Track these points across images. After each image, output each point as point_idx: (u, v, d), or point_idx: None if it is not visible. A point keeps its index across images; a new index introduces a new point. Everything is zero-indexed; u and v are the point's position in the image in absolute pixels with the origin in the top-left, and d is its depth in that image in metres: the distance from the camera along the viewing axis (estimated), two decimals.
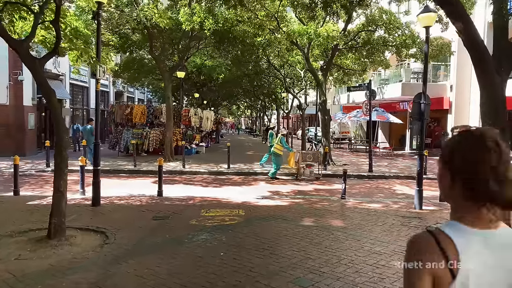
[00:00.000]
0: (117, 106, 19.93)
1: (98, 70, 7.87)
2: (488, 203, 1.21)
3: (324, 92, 16.97)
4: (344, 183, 10.03)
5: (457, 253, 1.17)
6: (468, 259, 1.16)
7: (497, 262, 1.18)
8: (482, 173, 1.19)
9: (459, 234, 1.20)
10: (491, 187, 1.18)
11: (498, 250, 1.19)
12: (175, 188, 11.52)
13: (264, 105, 43.76)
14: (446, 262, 1.16)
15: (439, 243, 1.18)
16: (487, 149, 1.21)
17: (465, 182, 1.23)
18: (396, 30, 16.91)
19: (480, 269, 1.17)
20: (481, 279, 1.16)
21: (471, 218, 1.23)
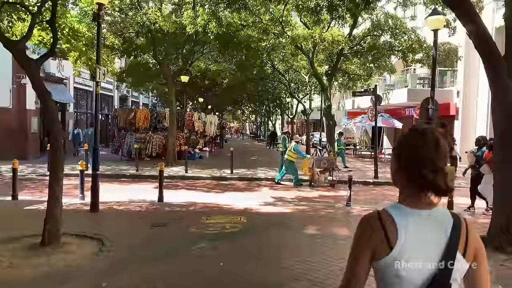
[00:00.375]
0: (120, 110, 19.81)
1: (98, 73, 7.70)
2: (426, 189, 1.42)
3: (329, 97, 16.75)
4: (349, 190, 9.78)
5: (396, 230, 1.39)
6: (404, 234, 1.38)
7: (427, 236, 1.40)
8: (422, 164, 1.41)
9: (400, 214, 1.43)
10: (429, 176, 1.39)
11: (429, 227, 1.41)
12: (177, 194, 11.30)
13: (269, 110, 43.61)
14: (385, 236, 1.39)
15: (381, 221, 1.42)
16: (428, 144, 1.43)
17: (408, 171, 1.45)
18: (402, 35, 16.71)
19: (413, 242, 1.38)
20: (414, 250, 1.37)
21: (411, 200, 1.44)
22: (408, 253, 1.37)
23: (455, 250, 1.40)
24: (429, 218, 1.43)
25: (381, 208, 1.48)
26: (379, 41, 16.35)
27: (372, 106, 15.36)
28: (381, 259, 1.40)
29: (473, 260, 1.43)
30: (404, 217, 1.42)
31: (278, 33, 16.73)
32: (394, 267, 1.38)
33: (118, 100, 31.11)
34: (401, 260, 1.37)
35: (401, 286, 1.39)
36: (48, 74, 19.24)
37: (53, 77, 19.73)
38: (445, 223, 1.43)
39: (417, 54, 16.95)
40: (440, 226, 1.42)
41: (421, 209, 1.43)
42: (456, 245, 1.40)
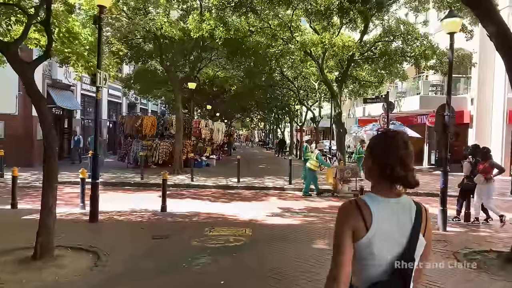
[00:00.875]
0: (127, 117, 19.60)
1: (98, 78, 7.40)
2: (397, 183, 1.71)
3: (339, 104, 16.33)
4: None
5: (371, 214, 1.66)
6: (378, 218, 1.66)
7: (396, 219, 1.69)
8: (393, 161, 1.68)
9: (373, 201, 1.70)
10: (398, 172, 1.68)
11: (397, 212, 1.70)
12: (181, 203, 10.95)
13: (277, 117, 43.23)
14: (363, 220, 1.65)
15: (359, 207, 1.67)
16: (398, 145, 1.71)
17: (381, 167, 1.71)
18: (414, 41, 16.26)
19: (384, 223, 1.66)
20: (385, 230, 1.66)
21: (383, 191, 1.72)
22: (381, 233, 1.65)
23: (418, 231, 1.70)
24: (397, 204, 1.72)
25: (358, 197, 1.77)
26: (391, 47, 15.90)
27: (384, 113, 14.89)
28: (360, 240, 1.65)
29: (428, 240, 1.76)
30: (377, 204, 1.69)
31: (287, 39, 16.40)
32: (369, 245, 1.65)
33: (127, 107, 31.01)
34: (375, 239, 1.64)
35: (373, 261, 1.67)
36: (55, 81, 19.15)
37: (59, 84, 19.62)
38: (410, 209, 1.74)
39: (430, 60, 16.47)
40: (406, 211, 1.72)
41: (390, 198, 1.72)
42: (419, 227, 1.71)
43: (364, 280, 1.70)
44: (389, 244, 1.66)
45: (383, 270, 1.67)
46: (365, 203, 1.68)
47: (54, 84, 19.37)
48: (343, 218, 1.69)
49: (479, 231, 8.49)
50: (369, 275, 1.69)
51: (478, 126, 20.84)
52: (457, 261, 5.96)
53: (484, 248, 6.74)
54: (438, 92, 23.37)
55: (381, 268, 1.67)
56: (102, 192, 12.56)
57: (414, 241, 1.68)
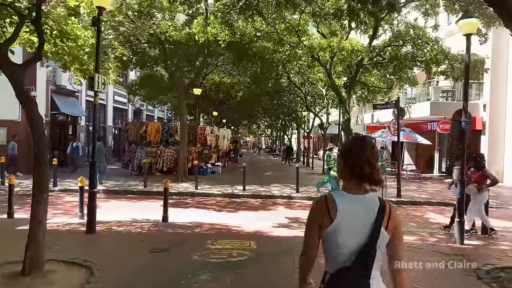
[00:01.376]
0: (131, 123, 19.32)
1: (96, 82, 7.06)
2: (364, 181, 1.98)
3: (348, 110, 15.90)
4: None
5: (336, 208, 1.94)
6: (343, 211, 1.93)
7: (360, 213, 1.94)
8: (361, 162, 1.96)
9: (340, 197, 1.98)
10: (365, 170, 1.95)
11: (361, 207, 1.96)
12: (185, 212, 10.56)
13: (284, 124, 42.83)
14: (328, 213, 1.94)
15: (326, 203, 1.97)
16: (365, 147, 2.00)
17: (351, 167, 1.99)
18: (425, 45, 15.81)
19: (349, 217, 1.93)
20: (349, 222, 1.93)
21: (352, 188, 2.00)
22: (345, 224, 1.92)
23: (380, 225, 1.93)
24: (362, 200, 1.97)
25: (327, 193, 2.06)
26: (401, 52, 15.46)
27: (394, 120, 14.43)
28: (326, 230, 1.94)
29: (392, 233, 1.97)
30: (344, 199, 1.96)
31: (294, 43, 16.06)
32: (334, 235, 1.92)
33: (132, 114, 30.83)
34: (340, 230, 1.92)
35: (338, 249, 1.93)
36: (59, 87, 18.95)
37: (64, 90, 19.43)
38: (374, 205, 1.96)
39: (442, 65, 16.01)
40: (369, 206, 1.96)
41: (357, 194, 1.98)
42: (381, 221, 1.93)
43: (332, 265, 1.97)
44: (352, 235, 1.91)
45: (347, 257, 1.91)
46: (333, 199, 1.96)
47: (59, 90, 19.18)
48: (312, 211, 2.02)
49: (498, 244, 7.98)
50: (336, 261, 1.95)
51: (491, 133, 20.26)
52: (479, 279, 5.49)
53: (506, 264, 6.25)
54: (449, 98, 22.84)
55: (345, 255, 1.92)
56: (104, 200, 12.29)
57: (375, 234, 1.91)
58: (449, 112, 21.21)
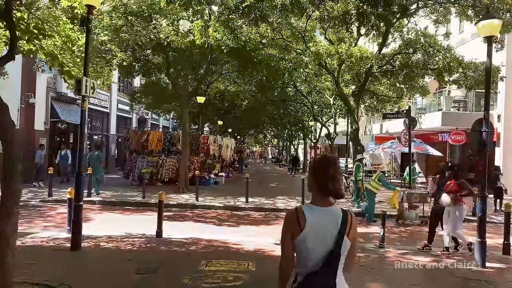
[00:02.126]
0: (133, 132, 18.81)
1: (84, 86, 6.52)
2: (329, 194, 2.29)
3: (356, 120, 15.26)
4: (383, 228, 8.17)
5: (305, 219, 2.22)
6: (311, 222, 2.22)
7: (326, 223, 2.24)
8: (326, 179, 2.28)
9: (309, 209, 2.28)
10: (330, 187, 2.27)
11: (327, 218, 2.26)
12: (182, 226, 9.93)
13: (291, 134, 42.19)
14: (298, 224, 2.22)
15: (297, 214, 2.25)
16: (329, 166, 2.31)
17: (319, 183, 2.30)
18: (436, 53, 15.16)
19: (316, 226, 2.21)
20: (316, 231, 2.21)
21: (319, 201, 2.30)
22: (313, 234, 2.20)
23: (343, 233, 2.23)
24: (328, 212, 2.28)
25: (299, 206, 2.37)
26: (412, 59, 14.82)
27: (405, 130, 13.74)
28: (297, 238, 2.21)
29: (352, 240, 2.26)
30: (312, 211, 2.27)
31: (301, 50, 15.51)
32: (304, 243, 2.21)
33: (137, 122, 30.38)
34: (309, 238, 2.20)
35: (308, 255, 2.22)
36: (60, 94, 18.53)
37: (65, 97, 19.01)
38: (338, 216, 2.28)
39: (455, 73, 15.34)
40: (334, 217, 2.27)
41: (323, 207, 2.29)
42: (344, 230, 2.23)
43: (303, 269, 2.25)
44: (320, 242, 2.21)
45: (316, 262, 2.21)
46: (302, 211, 2.26)
47: (59, 98, 18.76)
48: (285, 223, 2.30)
49: None
50: (306, 266, 2.24)
51: (505, 144, 19.46)
52: None
53: None
54: (460, 109, 22.10)
55: (314, 261, 2.21)
56: (99, 212, 11.71)
57: (339, 241, 2.22)
58: (461, 122, 20.57)
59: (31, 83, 16.44)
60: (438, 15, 15.52)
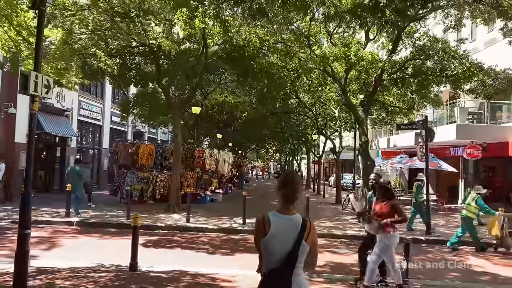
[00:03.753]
0: (122, 145, 17.42)
1: (33, 82, 5.15)
2: (290, 203, 2.78)
3: (366, 132, 13.85)
4: (407, 261, 6.67)
5: (270, 224, 2.68)
6: (275, 227, 2.68)
7: (287, 228, 2.69)
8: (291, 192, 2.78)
9: (273, 216, 2.74)
10: (293, 196, 2.77)
11: (288, 223, 2.71)
12: (167, 255, 8.48)
13: (293, 148, 40.72)
14: (264, 227, 2.69)
15: (264, 220, 2.72)
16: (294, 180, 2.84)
17: (284, 194, 2.78)
18: (452, 60, 13.82)
19: (278, 230, 2.67)
20: (278, 234, 2.66)
21: (283, 209, 2.77)
22: (276, 236, 2.65)
23: (301, 238, 2.66)
24: (290, 219, 2.73)
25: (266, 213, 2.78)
26: (427, 65, 13.48)
27: (422, 143, 12.32)
28: (262, 239, 2.68)
29: (311, 244, 2.70)
30: (276, 218, 2.72)
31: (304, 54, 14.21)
32: (268, 243, 2.67)
33: (132, 136, 29.01)
34: (272, 240, 2.66)
35: (271, 255, 2.67)
36: (45, 104, 17.20)
37: (51, 108, 17.70)
38: (298, 223, 2.72)
39: (475, 79, 13.99)
40: (294, 223, 2.71)
41: (286, 214, 2.75)
42: (302, 235, 2.67)
43: (267, 265, 2.70)
44: (281, 244, 2.64)
45: (277, 260, 2.65)
46: (268, 218, 2.72)
47: (45, 108, 17.44)
48: (256, 228, 2.78)
49: None
50: (269, 263, 2.68)
51: None
52: None
53: None
54: (474, 121, 20.65)
55: (275, 259, 2.65)
56: (73, 236, 10.21)
57: (297, 244, 2.64)
58: (477, 135, 19.13)
59: (11, 91, 15.14)
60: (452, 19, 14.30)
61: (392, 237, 6.00)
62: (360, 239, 11.11)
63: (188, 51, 16.11)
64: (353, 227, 12.63)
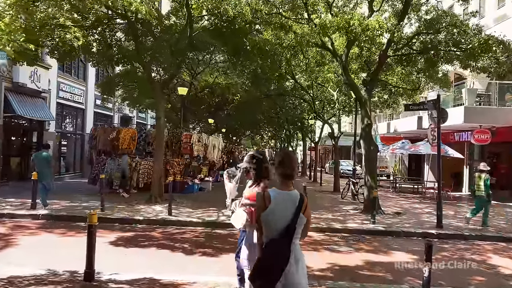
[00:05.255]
0: (101, 129, 15.93)
1: None
2: (288, 180, 3.05)
3: (369, 114, 12.50)
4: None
5: (270, 199, 2.92)
6: (275, 201, 2.92)
7: (286, 203, 2.92)
8: (289, 169, 3.05)
9: (274, 192, 2.98)
10: (293, 174, 3.09)
11: (287, 198, 2.95)
12: (139, 256, 7.16)
13: (289, 134, 39.35)
14: (264, 202, 2.92)
15: (264, 195, 2.96)
16: (292, 159, 3.13)
17: (283, 171, 3.03)
18: (464, 34, 12.40)
19: (278, 205, 2.90)
20: (278, 208, 2.90)
21: (282, 187, 3.02)
22: (275, 210, 2.89)
23: (299, 211, 2.89)
24: (289, 195, 2.98)
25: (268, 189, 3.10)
26: (438, 38, 12.06)
27: (433, 126, 10.99)
28: (263, 212, 2.91)
29: (307, 216, 2.96)
30: (276, 194, 2.95)
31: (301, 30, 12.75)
32: (268, 216, 2.90)
33: (119, 121, 27.43)
34: (272, 213, 2.89)
35: (271, 226, 2.90)
36: (17, 85, 15.66)
37: (24, 89, 16.14)
38: (296, 198, 2.96)
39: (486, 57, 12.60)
40: (293, 199, 2.95)
41: (285, 190, 2.99)
42: (300, 208, 2.90)
43: (267, 236, 2.91)
44: (280, 216, 2.88)
45: (276, 232, 2.87)
46: (268, 193, 2.96)
47: (16, 89, 15.91)
48: (257, 203, 3.04)
49: None
50: (269, 234, 2.90)
51: None
52: None
53: None
54: (482, 103, 19.32)
55: (275, 231, 2.87)
56: (34, 232, 8.81)
57: (296, 217, 2.88)
58: (486, 119, 17.83)
59: None
60: None
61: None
62: (363, 233, 9.91)
63: (174, 26, 14.65)
64: (355, 219, 11.38)
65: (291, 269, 2.81)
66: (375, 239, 9.42)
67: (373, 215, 10.46)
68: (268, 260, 2.81)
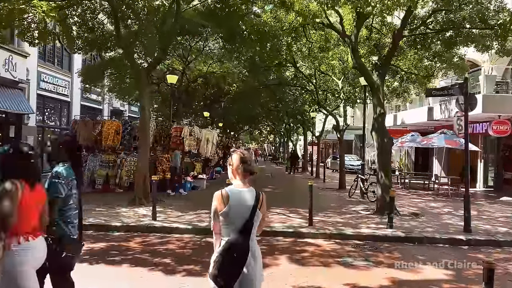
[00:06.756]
0: (81, 122, 14.39)
1: None
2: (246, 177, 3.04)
3: (382, 102, 10.99)
4: None
5: (228, 197, 2.87)
6: (232, 199, 2.87)
7: (243, 200, 2.90)
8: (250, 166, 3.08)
9: (231, 190, 2.93)
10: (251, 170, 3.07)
11: (244, 196, 2.93)
12: (106, 278, 5.65)
13: (289, 128, 37.76)
14: (223, 200, 2.87)
15: (222, 194, 2.90)
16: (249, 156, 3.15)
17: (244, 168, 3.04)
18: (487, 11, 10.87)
19: (236, 202, 2.87)
20: (236, 206, 2.86)
21: (238, 184, 3.01)
22: (233, 208, 2.85)
23: (256, 208, 2.91)
24: (245, 192, 2.95)
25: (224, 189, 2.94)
26: (461, 14, 10.53)
27: (459, 114, 9.49)
28: (222, 211, 2.85)
29: (263, 212, 2.99)
30: (232, 192, 2.91)
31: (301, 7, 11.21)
32: (227, 215, 2.85)
33: (109, 114, 25.87)
34: (230, 211, 2.85)
35: (229, 224, 2.86)
36: None
37: None
38: (252, 195, 2.95)
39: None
40: (250, 196, 2.94)
41: (241, 188, 2.97)
42: (256, 205, 2.92)
43: (226, 235, 2.89)
44: (238, 214, 2.86)
45: (235, 230, 2.85)
46: (226, 192, 2.90)
47: None
48: (214, 200, 2.92)
49: None
50: (228, 232, 2.87)
51: None
52: None
53: None
54: (499, 91, 17.80)
55: (234, 229, 2.85)
56: None
57: (253, 213, 2.89)
58: (505, 108, 16.33)
59: None
60: None
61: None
62: (379, 239, 8.44)
63: (162, 8, 13.12)
64: (367, 222, 9.88)
65: (250, 265, 2.89)
66: (394, 247, 7.94)
67: (390, 218, 8.96)
68: (228, 257, 2.84)
